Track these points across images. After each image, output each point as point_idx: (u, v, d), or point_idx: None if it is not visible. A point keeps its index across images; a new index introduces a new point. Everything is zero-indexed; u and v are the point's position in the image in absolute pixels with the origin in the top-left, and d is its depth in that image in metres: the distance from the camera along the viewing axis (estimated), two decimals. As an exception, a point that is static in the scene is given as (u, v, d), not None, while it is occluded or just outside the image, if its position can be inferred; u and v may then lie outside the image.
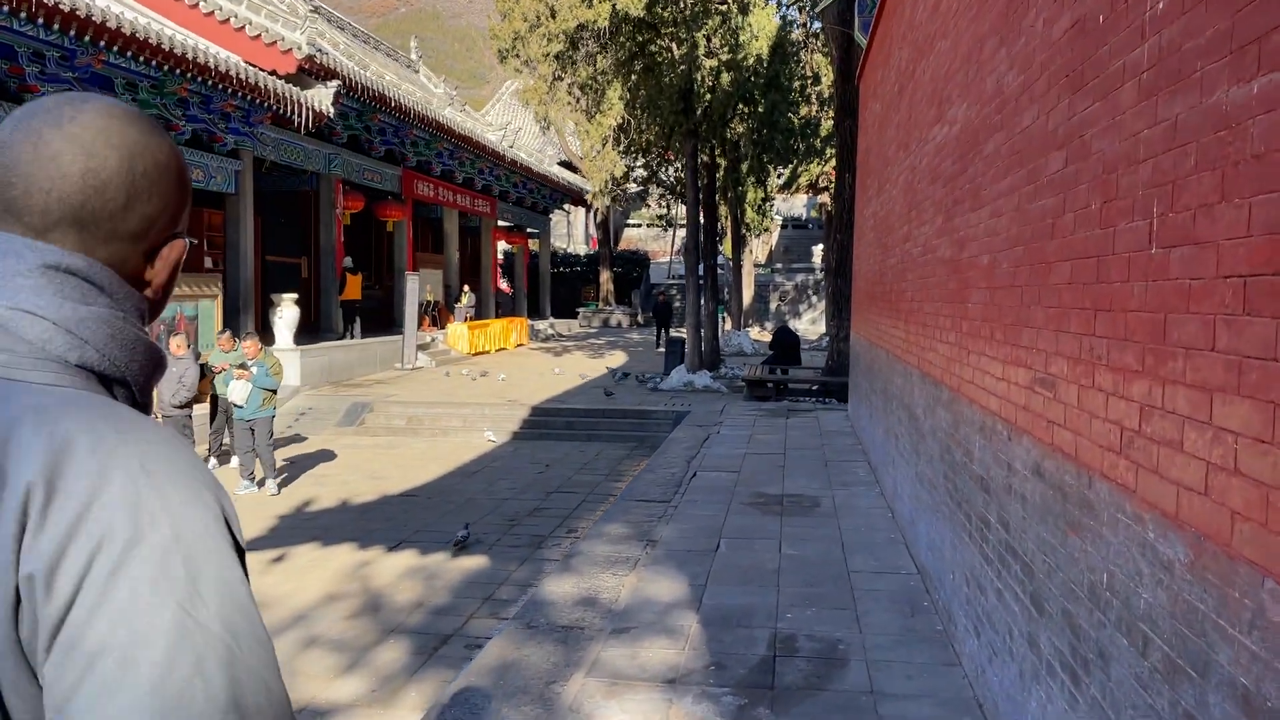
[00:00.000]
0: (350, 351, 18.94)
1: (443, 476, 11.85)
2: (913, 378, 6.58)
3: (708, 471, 9.12)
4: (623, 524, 7.16)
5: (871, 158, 10.91)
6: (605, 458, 13.26)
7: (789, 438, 11.39)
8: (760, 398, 16.07)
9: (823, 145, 24.28)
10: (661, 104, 17.54)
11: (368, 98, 18.21)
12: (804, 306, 38.82)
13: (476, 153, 25.56)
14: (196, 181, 15.37)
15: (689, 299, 18.23)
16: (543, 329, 32.19)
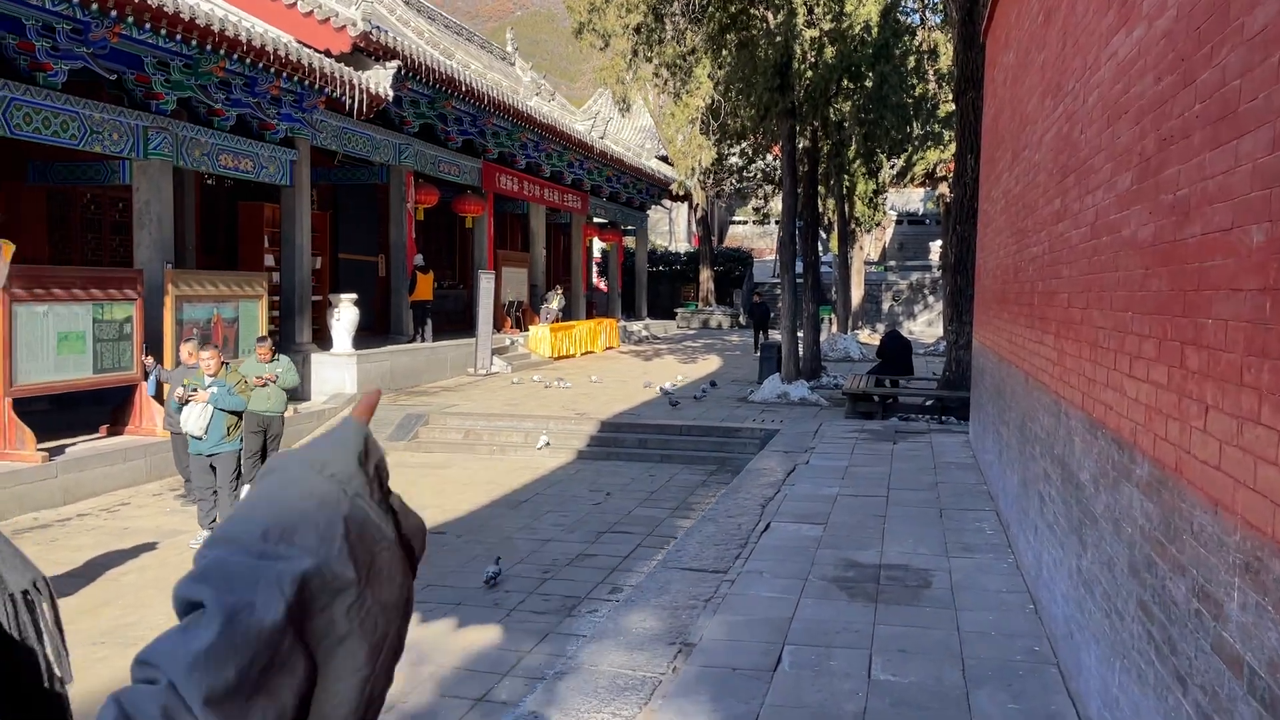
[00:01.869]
0: (416, 356, 17.55)
1: (484, 507, 10.18)
2: (1070, 421, 4.51)
3: (785, 522, 7.15)
4: (654, 611, 5.27)
5: (1002, 122, 8.73)
6: (677, 485, 11.38)
7: (895, 471, 9.29)
8: (864, 414, 13.92)
9: (941, 129, 21.78)
10: (755, 81, 15.55)
11: (434, 80, 16.76)
12: (919, 307, 36.08)
13: (564, 144, 23.98)
14: (244, 172, 14.16)
15: (785, 299, 16.19)
16: (636, 331, 30.47)
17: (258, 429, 9.95)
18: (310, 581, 0.58)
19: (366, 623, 0.60)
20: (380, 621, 0.61)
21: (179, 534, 8.79)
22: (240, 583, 0.58)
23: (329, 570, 0.59)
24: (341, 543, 0.60)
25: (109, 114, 11.66)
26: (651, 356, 24.77)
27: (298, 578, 0.58)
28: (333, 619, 0.59)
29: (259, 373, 9.81)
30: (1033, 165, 6.42)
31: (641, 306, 33.94)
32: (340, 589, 0.59)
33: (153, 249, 12.53)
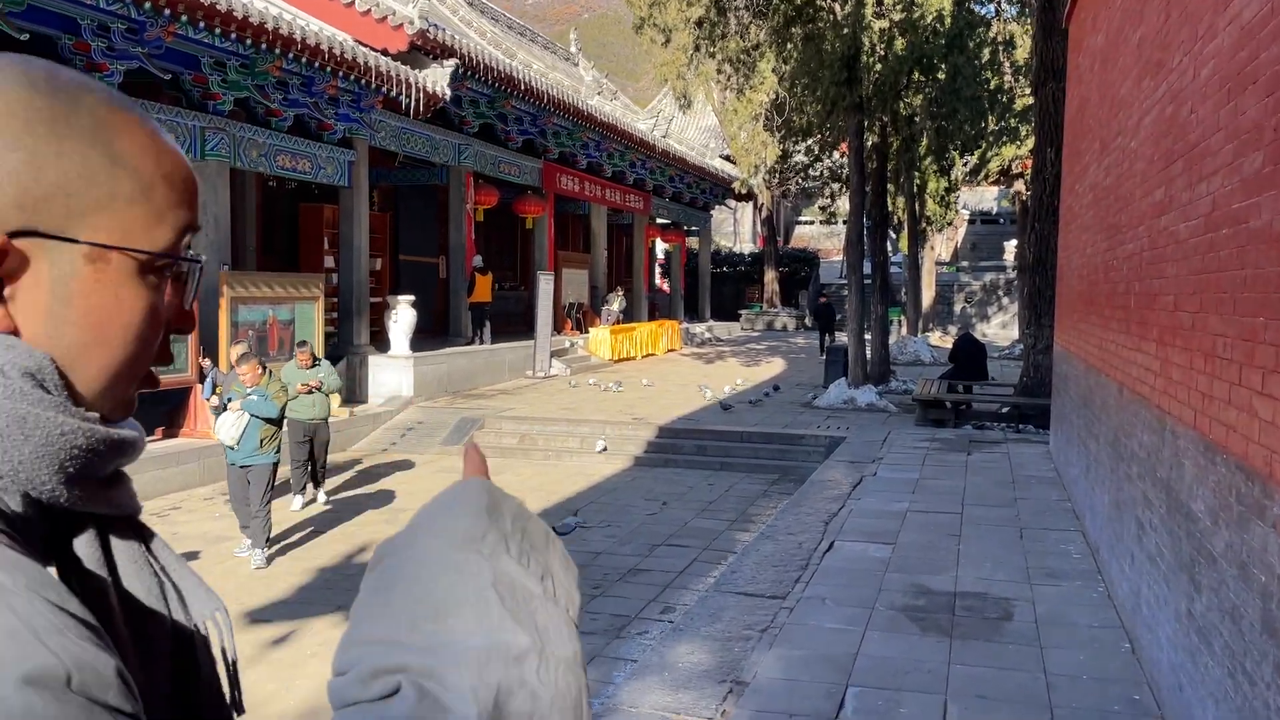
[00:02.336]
0: (474, 358, 17.33)
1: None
2: (1179, 442, 3.95)
3: (850, 540, 6.64)
4: (704, 642, 4.82)
5: (1088, 111, 8.10)
6: (737, 495, 10.91)
7: (969, 486, 8.69)
8: (935, 421, 13.28)
9: (1017, 123, 20.90)
10: (821, 75, 14.98)
11: (493, 79, 16.51)
12: (993, 309, 34.97)
13: (625, 144, 23.62)
14: (301, 173, 14.06)
15: (851, 300, 15.59)
16: (699, 333, 29.98)
17: (304, 438, 9.73)
18: (492, 659, 0.54)
19: (559, 683, 0.56)
20: (569, 680, 0.56)
21: (224, 540, 8.60)
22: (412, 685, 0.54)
23: (503, 643, 0.55)
24: (501, 610, 0.56)
25: (166, 114, 11.60)
26: (713, 359, 24.28)
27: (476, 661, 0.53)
28: (532, 690, 0.54)
29: (301, 379, 9.59)
30: (1127, 154, 5.83)
31: (704, 308, 33.45)
32: (522, 656, 0.55)
33: (209, 250, 12.46)
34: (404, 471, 11.91)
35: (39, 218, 0.61)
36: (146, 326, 0.67)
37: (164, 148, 0.67)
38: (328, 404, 9.93)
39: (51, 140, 0.62)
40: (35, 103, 0.62)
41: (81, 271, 0.63)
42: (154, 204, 0.66)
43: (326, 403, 9.87)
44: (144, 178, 0.65)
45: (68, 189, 0.62)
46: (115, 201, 0.64)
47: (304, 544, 8.68)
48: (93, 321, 0.64)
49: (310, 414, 9.65)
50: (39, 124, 0.62)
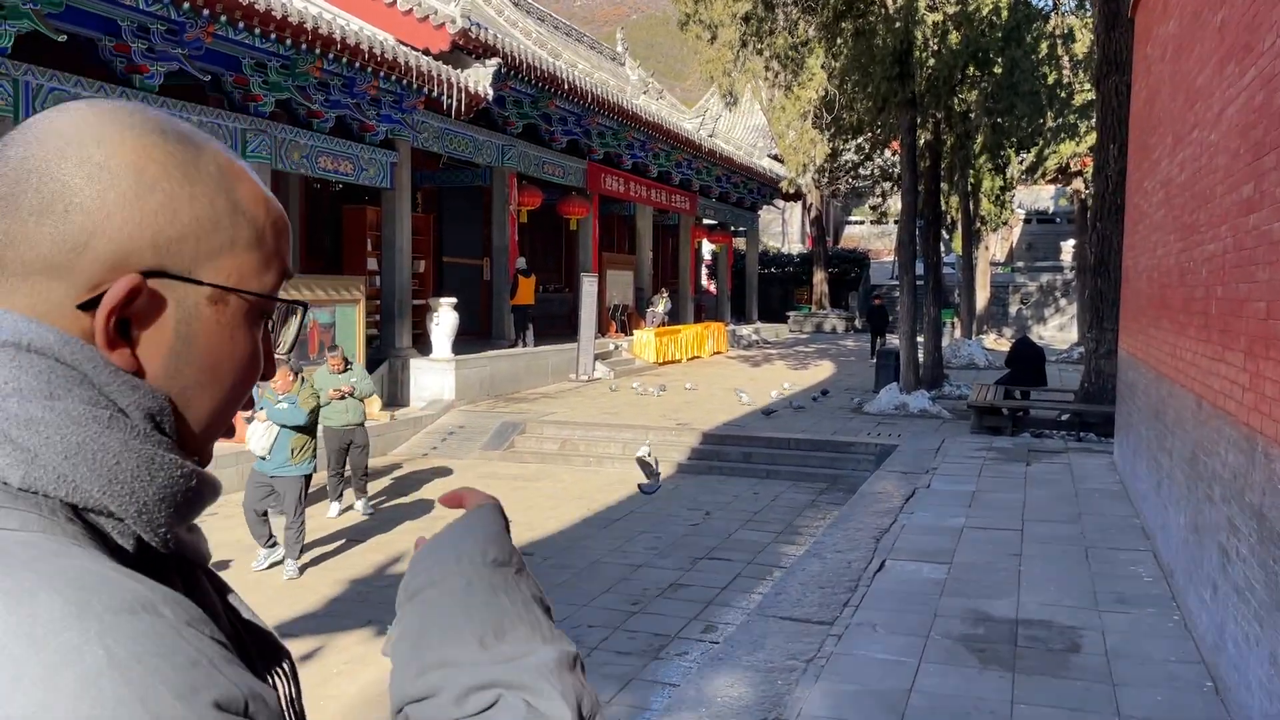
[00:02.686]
0: (517, 361, 17.13)
1: (573, 525, 9.56)
2: (1274, 465, 3.54)
3: (902, 560, 6.25)
4: (744, 673, 4.49)
5: (1158, 103, 7.62)
6: (784, 505, 10.54)
7: (1030, 499, 8.24)
8: (991, 429, 12.77)
9: (1076, 119, 20.20)
10: (872, 70, 14.54)
11: (535, 78, 16.30)
12: (1049, 311, 34.06)
13: (671, 144, 23.31)
14: (343, 174, 13.95)
15: (903, 302, 15.11)
16: (746, 335, 29.56)
17: (338, 445, 9.53)
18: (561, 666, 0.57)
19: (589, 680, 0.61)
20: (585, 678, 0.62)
21: (256, 549, 8.43)
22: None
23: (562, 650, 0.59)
24: (547, 620, 0.60)
25: (206, 116, 11.53)
26: (760, 362, 23.86)
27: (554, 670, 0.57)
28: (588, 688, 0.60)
29: (333, 385, 9.38)
30: (1205, 147, 5.39)
31: (752, 310, 33.00)
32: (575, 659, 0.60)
33: (250, 253, 12.37)
34: (444, 478, 11.71)
35: (170, 259, 0.64)
36: (250, 369, 0.70)
37: (270, 197, 0.71)
38: (362, 409, 9.70)
39: (185, 184, 0.65)
40: (168, 148, 0.65)
41: (204, 313, 0.66)
42: (265, 250, 0.69)
43: (360, 408, 9.64)
44: (258, 225, 0.69)
45: (198, 233, 0.65)
46: (235, 246, 0.67)
47: (338, 554, 8.49)
48: (210, 363, 0.67)
49: (343, 420, 9.45)
50: (174, 169, 0.65)
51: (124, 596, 0.53)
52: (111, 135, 0.64)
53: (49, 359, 0.61)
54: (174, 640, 0.52)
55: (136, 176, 0.63)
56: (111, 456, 0.60)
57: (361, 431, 9.61)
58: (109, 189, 0.62)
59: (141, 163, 0.63)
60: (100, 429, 0.60)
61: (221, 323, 0.67)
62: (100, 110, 0.65)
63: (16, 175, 0.62)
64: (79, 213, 0.62)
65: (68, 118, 0.65)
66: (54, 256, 0.62)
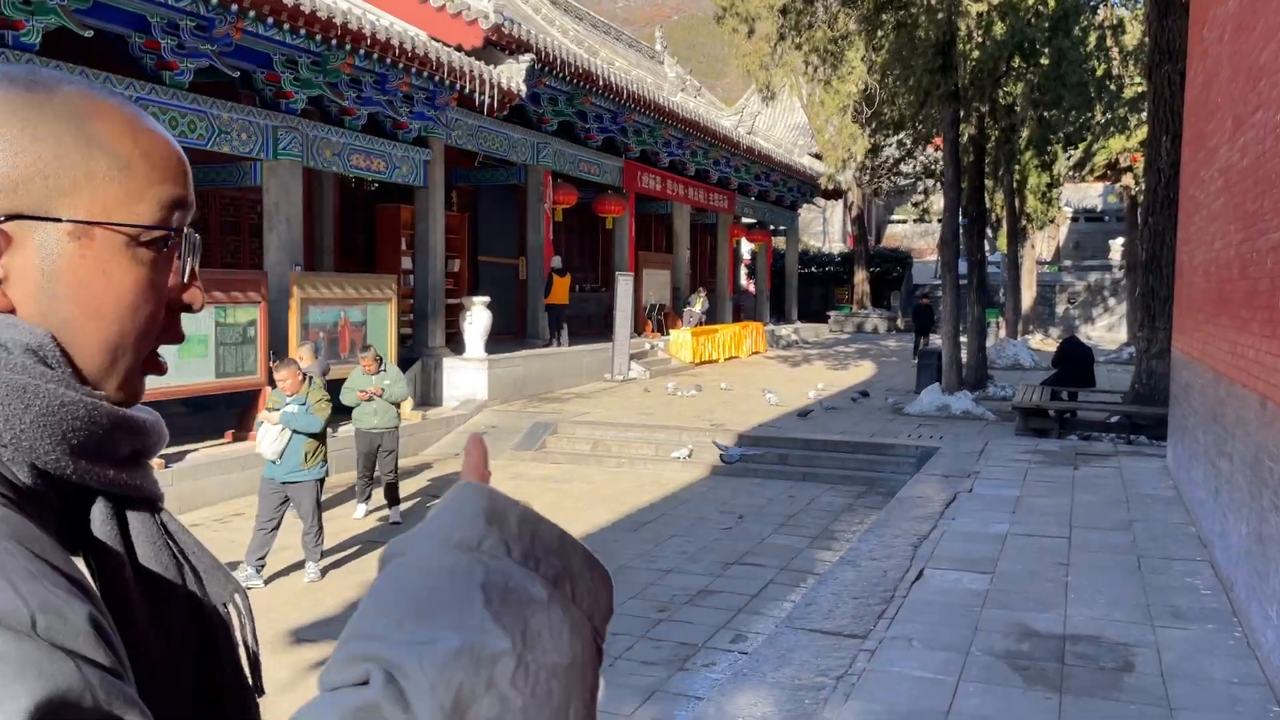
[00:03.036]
0: (550, 361, 16.95)
1: (602, 529, 9.33)
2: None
3: (942, 568, 5.93)
4: (769, 690, 4.21)
5: (1217, 86, 7.21)
6: (819, 508, 10.23)
7: (1077, 504, 7.85)
8: (1037, 431, 12.34)
9: (1126, 113, 19.60)
10: (914, 63, 14.15)
11: (570, 75, 16.11)
12: (1097, 310, 33.26)
13: (709, 141, 23.02)
14: (375, 172, 13.85)
15: (945, 301, 14.69)
16: (785, 335, 29.16)
17: (367, 448, 9.36)
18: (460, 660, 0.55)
19: (539, 690, 0.55)
20: (555, 688, 0.55)
21: (280, 550, 8.29)
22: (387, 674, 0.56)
23: (477, 644, 0.56)
24: (483, 612, 0.57)
25: (237, 113, 11.46)
26: (799, 363, 23.49)
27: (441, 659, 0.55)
28: (501, 694, 0.55)
29: (363, 385, 9.22)
30: (1270, 129, 5.02)
31: (791, 309, 32.57)
32: (496, 659, 0.55)
33: (281, 251, 12.31)
34: (472, 478, 11.53)
35: (20, 200, 0.64)
36: (141, 301, 0.69)
37: (141, 128, 0.70)
38: (393, 413, 9.38)
39: (26, 127, 0.65)
40: (8, 94, 0.66)
41: (67, 249, 0.66)
42: (134, 181, 0.68)
43: (391, 412, 9.35)
44: (120, 156, 0.68)
45: (44, 171, 0.65)
46: (92, 180, 0.67)
47: (362, 555, 8.34)
48: (84, 297, 0.67)
49: (371, 423, 9.25)
50: (12, 114, 0.65)
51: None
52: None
53: None
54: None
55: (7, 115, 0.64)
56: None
57: (391, 436, 9.34)
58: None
59: (17, 101, 0.64)
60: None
61: (89, 257, 0.66)
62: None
63: None
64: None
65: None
66: None
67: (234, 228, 14.58)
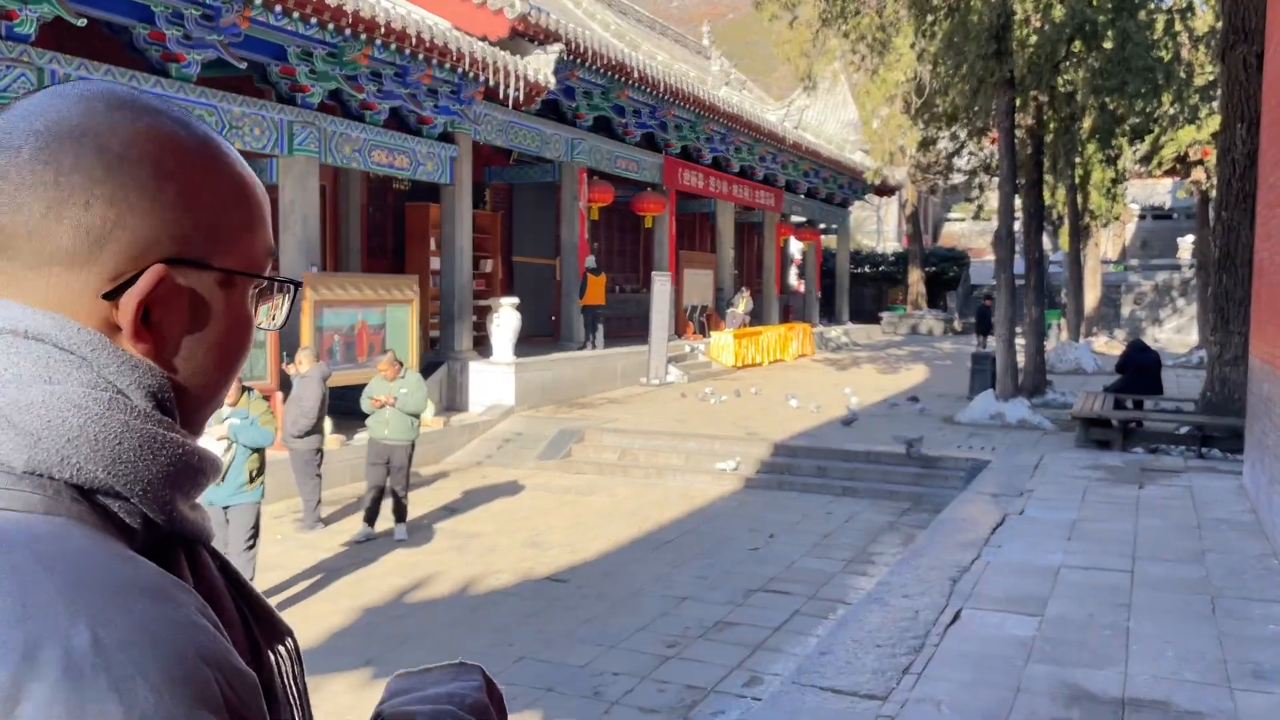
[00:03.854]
0: (582, 365, 16.35)
1: (620, 547, 8.68)
2: None
3: (982, 609, 5.17)
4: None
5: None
6: (858, 527, 9.47)
7: (1142, 531, 7.01)
8: (1099, 443, 11.42)
9: (1197, 101, 18.41)
10: (967, 49, 13.28)
11: (602, 66, 15.50)
12: (1165, 311, 31.79)
13: (754, 136, 22.25)
14: (399, 169, 13.38)
15: (1000, 302, 13.79)
16: (834, 337, 28.25)
17: (377, 460, 8.76)
18: None
19: None
20: None
21: (274, 569, 7.77)
22: None
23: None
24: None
25: (250, 108, 11.03)
26: (847, 366, 22.61)
27: None
28: None
29: (379, 392, 8.64)
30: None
31: (842, 311, 31.60)
32: None
33: (296, 251, 11.86)
34: (492, 489, 10.97)
35: (188, 247, 0.65)
36: (248, 346, 0.72)
37: (256, 179, 0.71)
38: (408, 424, 8.64)
39: (199, 173, 0.66)
40: (180, 136, 0.66)
41: (216, 297, 0.68)
42: (262, 230, 0.71)
43: (406, 422, 8.60)
44: (255, 207, 0.70)
45: (212, 220, 0.67)
46: (242, 230, 0.69)
47: (354, 574, 7.78)
48: (220, 343, 0.69)
49: (382, 433, 8.63)
50: (188, 157, 0.66)
51: (122, 580, 0.54)
52: (125, 124, 0.64)
53: (47, 345, 0.62)
54: (167, 629, 0.52)
55: (155, 167, 0.64)
56: (114, 437, 0.61)
57: (401, 451, 8.61)
58: (129, 180, 0.63)
59: (158, 153, 0.65)
60: (101, 410, 0.61)
61: (231, 304, 0.69)
62: (107, 98, 0.66)
63: (33, 168, 0.62)
64: (101, 204, 0.63)
65: (78, 107, 0.64)
66: (74, 248, 0.63)
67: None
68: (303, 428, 8.81)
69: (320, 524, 9.07)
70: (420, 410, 8.77)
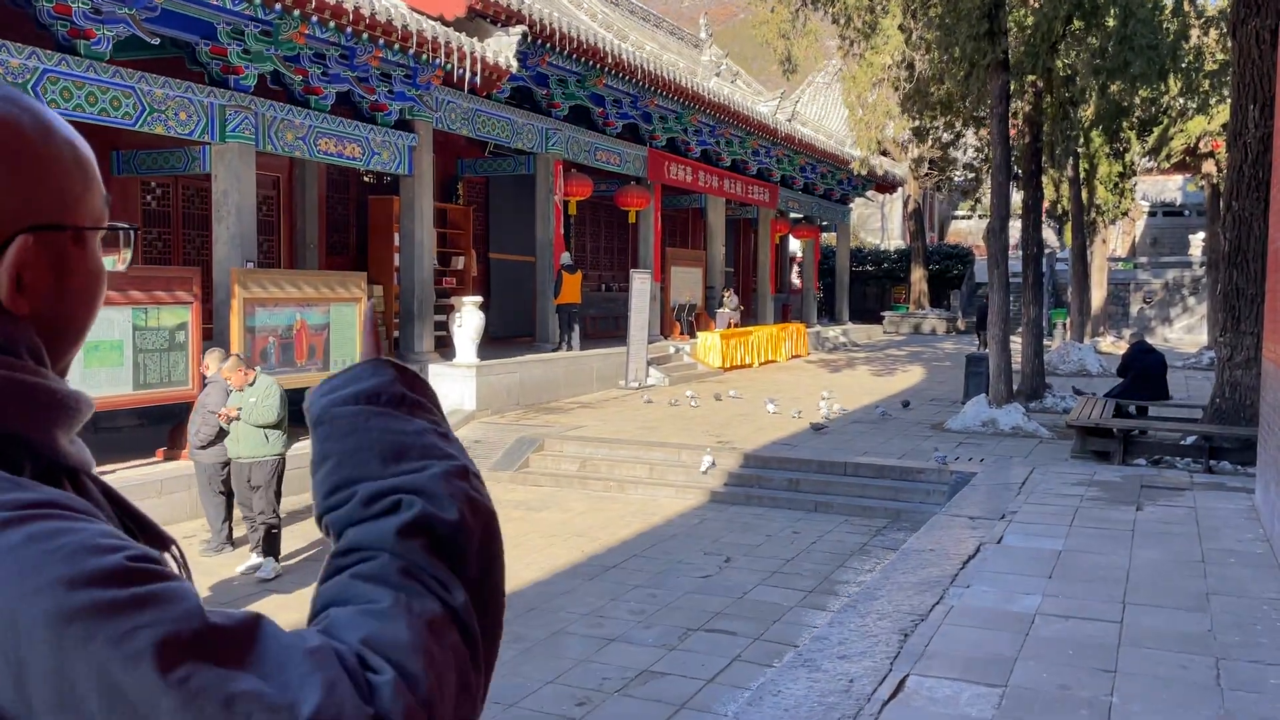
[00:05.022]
0: (553, 367, 15.45)
1: (557, 574, 7.79)
2: None
3: (933, 676, 4.25)
4: None
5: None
6: (827, 548, 8.56)
7: (1137, 566, 6.07)
8: (1097, 454, 10.49)
9: (1207, 86, 17.38)
10: (957, 30, 12.33)
11: (573, 50, 14.60)
12: (1175, 310, 30.71)
13: (745, 129, 21.31)
14: (350, 159, 12.52)
15: (993, 300, 12.84)
16: (832, 337, 27.29)
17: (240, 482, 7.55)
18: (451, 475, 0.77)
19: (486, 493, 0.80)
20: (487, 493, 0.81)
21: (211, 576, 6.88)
22: None
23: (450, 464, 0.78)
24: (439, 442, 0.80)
25: (173, 90, 10.18)
26: (840, 367, 21.66)
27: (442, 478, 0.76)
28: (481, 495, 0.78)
29: (227, 404, 7.55)
30: None
31: (842, 310, 30.61)
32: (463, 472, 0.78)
33: (229, 245, 11.02)
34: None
35: (42, 215, 0.76)
36: (103, 292, 0.82)
37: (83, 141, 0.81)
38: (260, 438, 7.45)
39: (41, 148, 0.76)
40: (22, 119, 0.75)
41: (72, 252, 0.78)
42: (96, 188, 0.82)
43: (258, 436, 7.44)
44: (88, 168, 0.80)
45: (57, 187, 0.77)
46: (82, 192, 0.79)
47: (253, 607, 6.87)
48: (81, 291, 0.79)
49: (236, 451, 7.57)
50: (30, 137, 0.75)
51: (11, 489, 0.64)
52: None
53: None
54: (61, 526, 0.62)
55: (3, 149, 0.73)
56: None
57: (260, 469, 7.47)
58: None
59: (5, 137, 0.73)
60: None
61: (84, 257, 0.79)
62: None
63: None
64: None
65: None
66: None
67: (200, 220, 13.31)
68: (205, 437, 7.91)
69: (228, 546, 8.18)
70: (271, 421, 7.45)
